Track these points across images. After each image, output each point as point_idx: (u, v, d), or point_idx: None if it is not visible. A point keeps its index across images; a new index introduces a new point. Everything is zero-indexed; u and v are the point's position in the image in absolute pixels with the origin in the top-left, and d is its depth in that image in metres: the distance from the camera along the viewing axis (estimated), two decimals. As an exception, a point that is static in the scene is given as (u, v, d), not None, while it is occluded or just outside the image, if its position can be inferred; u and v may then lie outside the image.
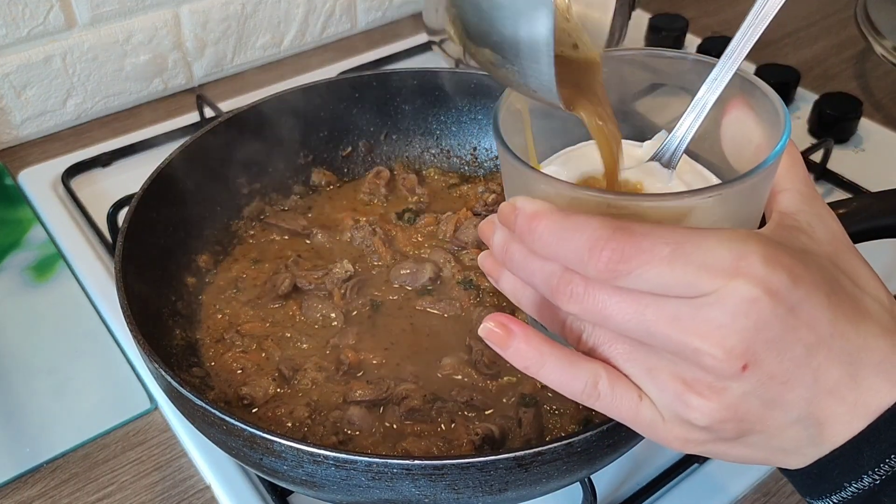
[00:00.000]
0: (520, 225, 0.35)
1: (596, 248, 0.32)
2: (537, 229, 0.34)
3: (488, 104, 0.78)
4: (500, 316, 0.38)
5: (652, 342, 0.34)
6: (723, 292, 0.32)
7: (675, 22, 1.10)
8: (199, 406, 0.46)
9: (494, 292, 0.67)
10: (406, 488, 0.45)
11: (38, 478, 0.61)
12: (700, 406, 0.34)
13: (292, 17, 1.09)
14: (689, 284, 0.32)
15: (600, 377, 0.36)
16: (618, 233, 0.32)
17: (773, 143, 0.37)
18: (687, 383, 0.34)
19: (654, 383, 0.35)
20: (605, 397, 0.36)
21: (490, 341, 0.38)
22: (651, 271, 0.32)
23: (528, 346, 0.37)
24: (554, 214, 0.34)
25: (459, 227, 0.72)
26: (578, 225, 0.33)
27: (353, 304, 0.66)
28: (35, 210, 0.85)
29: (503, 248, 0.37)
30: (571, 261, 0.34)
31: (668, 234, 0.32)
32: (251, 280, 0.68)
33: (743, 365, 0.33)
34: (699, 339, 0.32)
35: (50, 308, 0.74)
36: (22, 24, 0.89)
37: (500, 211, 0.37)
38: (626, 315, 0.34)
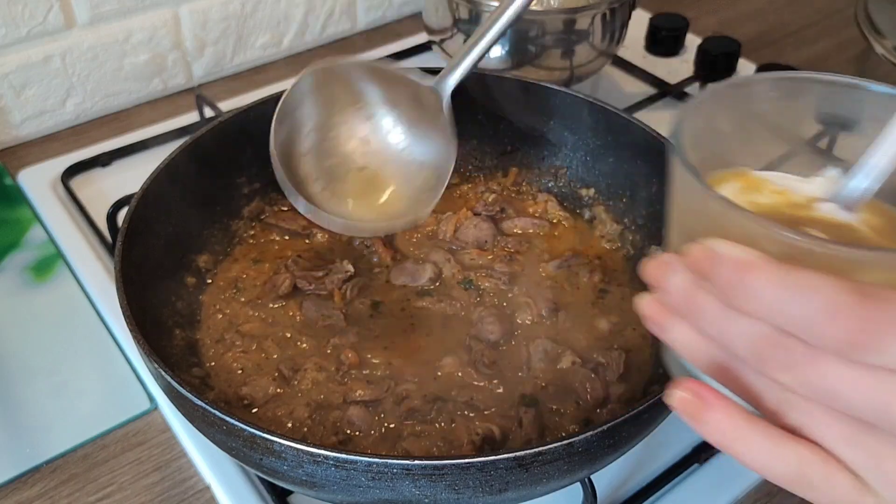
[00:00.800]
0: (724, 276, 0.30)
1: (837, 314, 0.28)
2: (753, 284, 0.29)
3: (488, 104, 0.78)
4: (692, 383, 0.33)
5: (885, 426, 0.29)
6: None
7: (675, 22, 1.10)
8: (199, 406, 0.46)
9: (494, 293, 0.67)
10: (406, 488, 0.45)
11: (38, 478, 0.61)
12: None
13: (292, 16, 1.08)
14: None
15: (813, 463, 0.31)
16: (865, 299, 0.28)
17: None
18: None
19: (879, 471, 0.31)
20: (819, 486, 0.32)
21: (680, 411, 0.33)
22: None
23: (728, 420, 0.32)
24: (775, 268, 0.29)
25: (459, 228, 0.72)
26: (811, 284, 0.28)
27: (353, 304, 0.66)
28: (35, 210, 0.85)
29: (688, 297, 0.33)
30: (797, 326, 0.29)
31: None
32: (251, 280, 0.68)
33: None
34: None
35: (50, 308, 0.74)
36: (21, 24, 0.89)
37: (690, 254, 0.31)
38: (861, 394, 0.29)
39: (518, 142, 0.79)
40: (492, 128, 0.79)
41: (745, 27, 1.19)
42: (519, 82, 0.75)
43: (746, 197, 0.38)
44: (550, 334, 0.63)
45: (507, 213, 0.75)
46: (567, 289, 0.68)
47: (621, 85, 1.05)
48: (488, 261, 0.69)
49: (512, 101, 0.77)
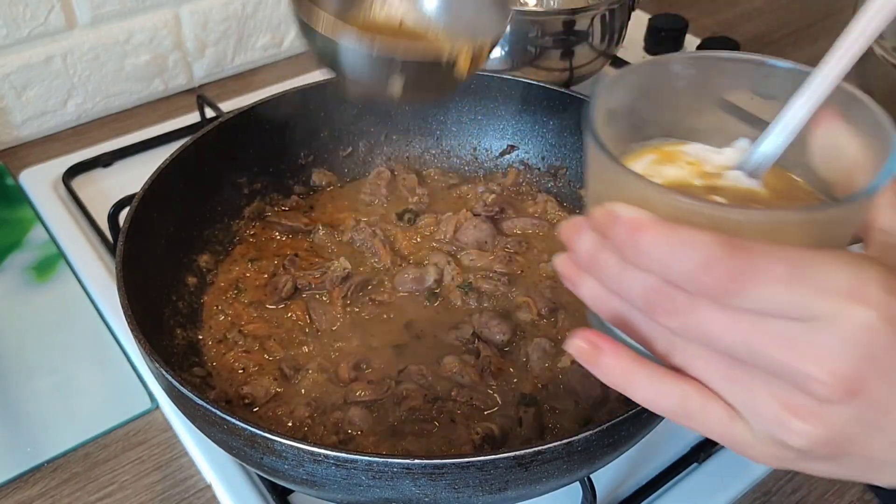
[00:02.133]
0: (620, 234, 0.33)
1: (710, 265, 0.31)
2: (641, 241, 0.33)
3: (488, 104, 0.78)
4: (587, 333, 0.37)
5: (754, 363, 0.33)
6: (838, 317, 0.31)
7: (674, 22, 1.11)
8: (200, 405, 0.47)
9: (493, 294, 0.67)
10: (406, 487, 0.45)
11: (39, 477, 0.61)
12: (800, 430, 0.33)
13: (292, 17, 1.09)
14: (804, 307, 0.31)
15: (690, 396, 0.35)
16: (734, 250, 0.31)
17: (878, 159, 0.36)
18: (788, 406, 0.33)
19: (751, 404, 0.34)
20: (695, 416, 0.35)
21: (578, 357, 0.37)
22: (766, 291, 0.31)
23: (617, 362, 0.36)
24: (661, 226, 0.33)
25: (459, 228, 0.72)
26: (690, 240, 0.32)
27: (352, 304, 0.66)
28: (36, 210, 0.85)
29: (592, 255, 0.36)
30: (678, 276, 0.32)
31: (785, 254, 0.31)
32: (252, 281, 0.68)
33: (851, 391, 0.32)
34: (809, 363, 0.31)
35: (51, 308, 0.74)
36: (23, 25, 0.89)
37: (594, 216, 0.35)
38: (732, 334, 0.32)
39: (518, 142, 0.79)
40: (492, 128, 0.79)
41: (743, 27, 1.19)
42: (519, 82, 0.75)
43: (660, 168, 0.41)
44: (550, 334, 0.64)
45: (506, 213, 0.75)
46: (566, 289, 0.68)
47: (621, 85, 1.05)
48: (488, 261, 0.70)
49: (512, 101, 0.77)
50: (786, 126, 0.38)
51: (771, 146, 0.38)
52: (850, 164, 0.38)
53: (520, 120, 0.78)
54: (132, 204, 0.61)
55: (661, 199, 0.34)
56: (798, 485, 0.61)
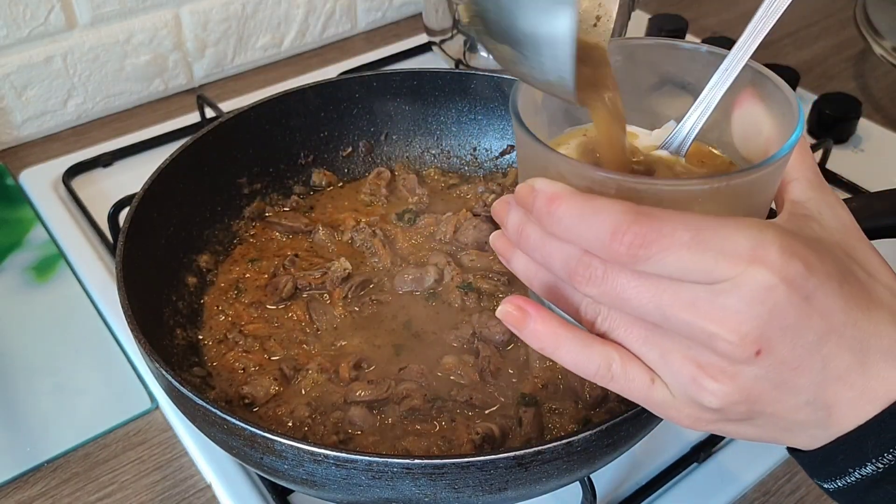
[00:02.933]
0: (538, 207, 0.35)
1: (618, 232, 0.33)
2: (557, 212, 0.34)
3: (488, 104, 0.78)
4: (516, 298, 0.39)
5: (667, 326, 0.35)
6: (740, 279, 0.32)
7: (674, 22, 1.11)
8: (200, 405, 0.47)
9: (493, 294, 0.67)
10: (406, 487, 0.45)
11: (39, 477, 0.61)
12: (713, 389, 0.35)
13: (292, 17, 1.09)
14: (707, 271, 0.33)
15: (613, 359, 0.37)
16: (640, 217, 0.33)
17: (786, 134, 0.38)
18: (700, 366, 0.35)
19: (667, 366, 0.36)
20: (618, 379, 0.37)
21: (507, 322, 0.39)
22: (671, 256, 0.33)
23: (543, 327, 0.38)
24: (574, 197, 0.34)
25: (459, 228, 0.72)
26: (600, 208, 0.33)
27: (352, 304, 0.66)
28: (36, 210, 0.85)
29: (518, 229, 0.38)
30: (591, 244, 0.34)
31: (689, 221, 0.33)
32: (252, 281, 0.68)
33: (757, 350, 0.33)
34: (715, 324, 0.33)
35: (51, 308, 0.74)
36: (23, 25, 0.89)
37: (517, 192, 0.37)
38: (644, 299, 0.34)
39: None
40: (492, 128, 0.79)
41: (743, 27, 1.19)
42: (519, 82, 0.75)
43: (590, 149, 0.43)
44: (550, 334, 0.63)
45: (506, 213, 0.75)
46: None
47: (621, 85, 1.05)
48: (488, 261, 0.70)
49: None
50: (701, 105, 0.40)
51: (689, 125, 0.41)
52: (765, 140, 0.41)
53: (520, 120, 0.78)
54: (132, 204, 0.61)
55: (576, 172, 0.36)
56: (797, 485, 0.62)
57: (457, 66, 0.97)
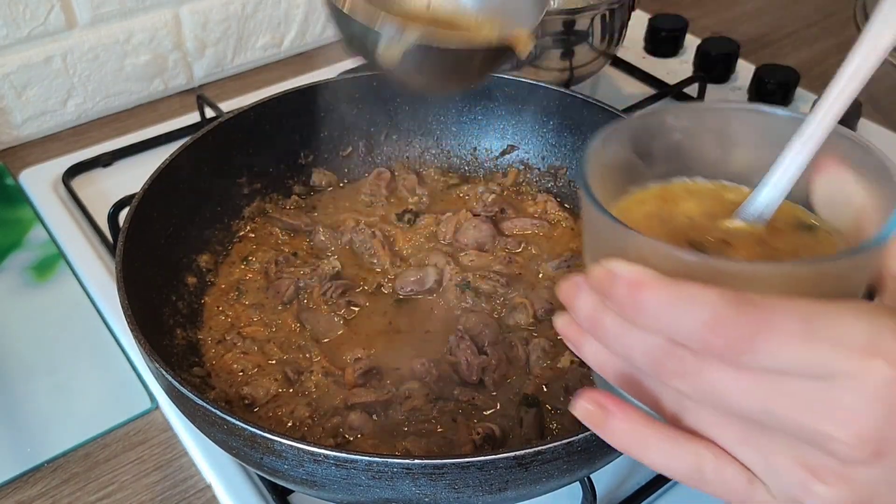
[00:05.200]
0: (620, 294, 0.32)
1: (718, 323, 0.30)
2: (643, 301, 0.31)
3: (488, 104, 0.78)
4: (595, 393, 0.35)
5: (771, 425, 0.31)
6: (858, 374, 0.29)
7: (674, 22, 1.11)
8: (200, 405, 0.47)
9: (492, 295, 0.67)
10: (406, 487, 0.45)
11: (39, 477, 0.61)
12: (824, 494, 0.32)
13: (292, 17, 1.09)
14: (821, 364, 0.29)
15: (707, 460, 0.34)
16: (743, 306, 0.30)
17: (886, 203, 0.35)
18: (810, 469, 0.32)
19: (770, 468, 0.33)
20: (713, 481, 0.34)
21: (586, 421, 0.36)
22: (779, 349, 0.29)
23: (627, 425, 0.35)
24: (663, 284, 0.31)
25: (459, 229, 0.72)
26: (694, 296, 0.30)
27: (332, 304, 0.66)
28: (36, 210, 0.85)
29: (593, 316, 0.34)
30: (685, 336, 0.31)
31: (798, 309, 0.30)
32: (253, 283, 0.68)
33: (875, 451, 0.30)
34: (830, 424, 0.30)
35: (50, 308, 0.74)
36: (23, 25, 0.89)
37: (592, 276, 0.33)
38: (747, 396, 0.31)
39: (518, 142, 0.79)
40: (492, 128, 0.79)
41: (743, 28, 1.19)
42: (519, 82, 0.75)
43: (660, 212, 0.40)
44: (549, 334, 0.64)
45: (506, 213, 0.75)
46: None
47: (621, 85, 1.05)
48: (488, 262, 0.70)
49: (512, 101, 0.77)
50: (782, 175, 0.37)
51: (768, 197, 0.37)
52: (857, 211, 0.37)
53: (520, 120, 0.78)
54: (132, 204, 0.61)
55: (660, 254, 0.33)
56: (798, 485, 0.61)
57: (457, 66, 0.97)
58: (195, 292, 0.67)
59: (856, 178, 0.37)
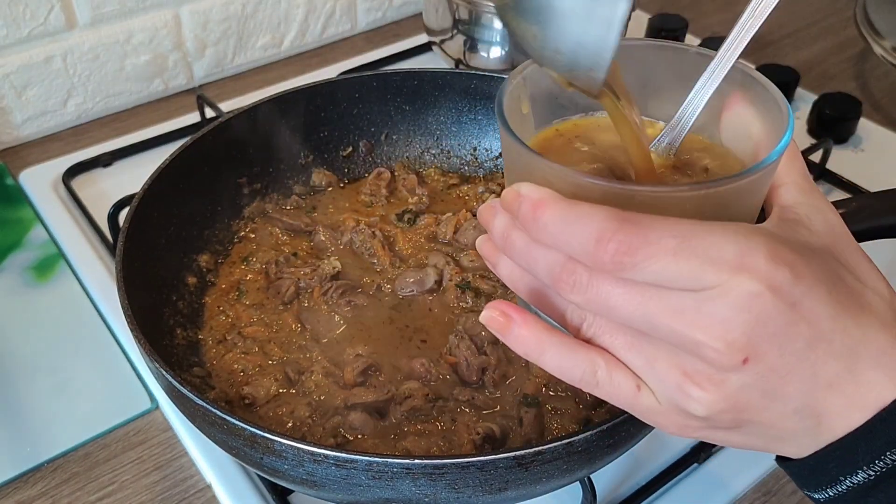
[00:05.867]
0: (523, 212, 0.35)
1: (603, 239, 0.32)
2: (542, 218, 0.34)
3: (488, 104, 0.78)
4: (500, 303, 0.38)
5: (653, 333, 0.34)
6: (726, 286, 0.32)
7: (674, 22, 1.11)
8: (200, 405, 0.47)
9: (492, 295, 0.67)
10: (406, 487, 0.45)
11: (39, 477, 0.61)
12: (699, 397, 0.35)
13: (292, 17, 1.09)
14: (694, 278, 0.32)
15: (599, 365, 0.37)
16: (625, 224, 0.32)
17: (775, 138, 0.38)
18: (687, 374, 0.35)
19: (653, 373, 0.36)
20: (604, 385, 0.37)
21: (490, 327, 0.39)
22: (657, 264, 0.32)
23: (528, 332, 0.38)
24: (559, 203, 0.34)
25: (459, 229, 0.72)
26: (585, 215, 0.33)
27: (332, 303, 0.66)
28: (36, 210, 0.85)
29: (504, 234, 0.37)
30: (576, 251, 0.34)
31: (675, 227, 0.33)
32: (253, 283, 0.68)
33: (744, 358, 0.33)
34: (701, 332, 0.33)
35: (50, 308, 0.74)
36: (23, 25, 0.89)
37: (503, 197, 0.36)
38: (630, 306, 0.34)
39: (518, 142, 0.79)
40: (492, 128, 0.79)
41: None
42: (519, 83, 0.75)
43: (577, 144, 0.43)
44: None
45: (506, 213, 0.75)
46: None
47: (621, 85, 1.05)
48: (488, 261, 0.70)
49: (512, 102, 0.77)
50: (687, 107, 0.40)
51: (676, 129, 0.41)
52: (755, 144, 0.40)
53: (520, 120, 0.78)
54: (132, 204, 0.61)
55: (562, 177, 0.35)
56: (798, 485, 0.62)
57: (457, 66, 0.97)
58: (195, 292, 0.67)
59: (755, 113, 0.41)
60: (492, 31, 0.89)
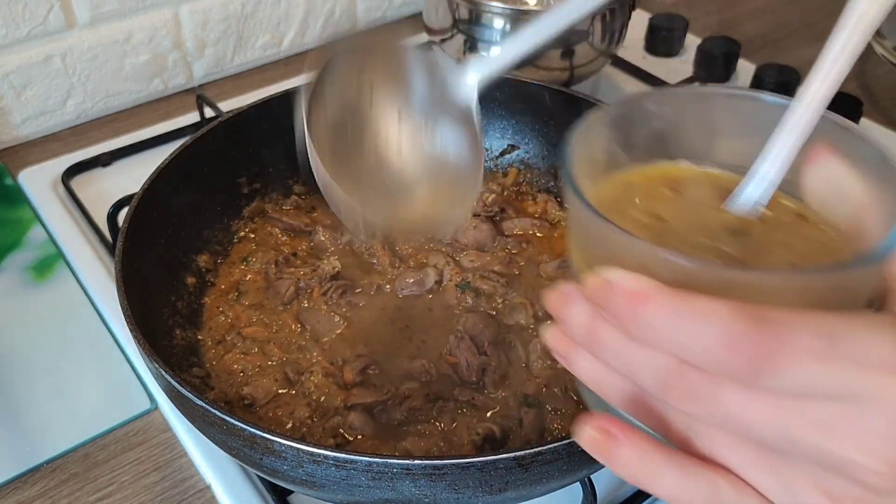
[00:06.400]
0: (618, 306, 0.29)
1: (733, 343, 0.27)
2: (646, 314, 0.28)
3: (488, 104, 0.78)
4: (601, 419, 0.32)
5: (791, 450, 0.29)
6: (884, 394, 0.27)
7: (674, 22, 1.11)
8: (200, 406, 0.46)
9: (492, 295, 0.67)
10: (406, 488, 0.45)
11: (38, 477, 0.61)
12: None
13: (292, 17, 1.09)
14: (844, 385, 0.27)
15: (721, 489, 0.31)
16: (759, 324, 0.27)
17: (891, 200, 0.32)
18: (833, 498, 0.29)
19: (789, 496, 0.30)
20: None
21: (590, 450, 0.33)
22: (800, 370, 0.27)
23: (635, 453, 0.31)
24: (668, 297, 0.28)
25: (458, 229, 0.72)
26: (705, 312, 0.27)
27: (333, 303, 0.66)
28: (35, 210, 0.85)
29: (588, 329, 0.31)
30: (695, 355, 0.28)
31: (817, 325, 0.27)
32: (252, 283, 0.68)
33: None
34: (855, 449, 0.27)
35: (50, 308, 0.74)
36: (22, 24, 0.89)
37: (587, 285, 0.30)
38: (764, 420, 0.28)
39: (518, 142, 0.79)
40: (492, 128, 0.79)
41: (744, 27, 1.19)
42: (519, 82, 0.75)
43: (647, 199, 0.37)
44: (549, 334, 0.63)
45: (506, 213, 0.75)
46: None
47: (621, 85, 1.05)
48: (487, 262, 0.70)
49: (512, 101, 0.77)
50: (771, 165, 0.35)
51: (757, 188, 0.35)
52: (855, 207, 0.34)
53: (520, 120, 0.78)
54: (131, 204, 0.61)
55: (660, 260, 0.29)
56: (799, 485, 0.61)
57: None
58: (195, 293, 0.66)
59: (851, 169, 0.35)
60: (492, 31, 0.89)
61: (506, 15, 0.87)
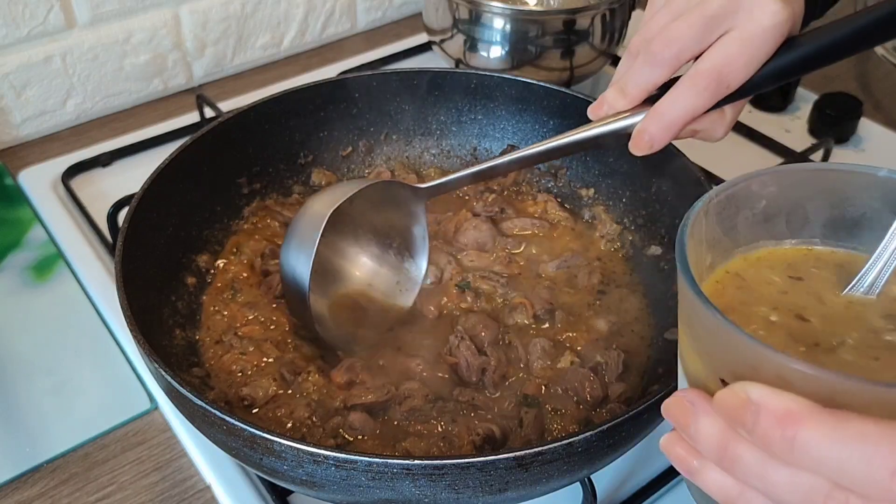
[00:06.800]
0: (765, 428, 0.28)
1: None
2: (798, 439, 0.27)
3: (488, 104, 0.78)
4: None
5: None
6: None
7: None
8: (200, 406, 0.46)
9: (492, 294, 0.67)
10: (406, 488, 0.45)
11: (38, 478, 0.61)
12: None
13: (292, 17, 1.09)
14: None
15: None
16: None
17: None
18: None
19: None
20: None
21: None
22: None
23: None
24: (822, 420, 0.27)
25: (459, 229, 0.72)
26: (863, 437, 0.26)
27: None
28: (35, 210, 0.85)
29: (721, 445, 0.30)
30: (855, 482, 0.27)
31: None
32: (246, 281, 0.68)
33: None
34: None
35: (50, 308, 0.74)
36: (22, 24, 0.89)
37: (719, 399, 0.29)
38: None
39: (518, 142, 0.79)
40: (492, 128, 0.79)
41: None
42: (519, 82, 0.75)
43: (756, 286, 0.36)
44: (549, 334, 0.63)
45: (506, 213, 0.75)
46: (566, 289, 0.68)
47: (621, 85, 1.04)
48: (488, 262, 0.70)
49: (512, 101, 0.77)
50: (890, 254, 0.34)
51: (874, 274, 0.34)
52: None
53: (520, 120, 0.78)
54: (131, 204, 0.60)
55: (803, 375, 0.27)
56: (799, 485, 0.61)
57: (457, 66, 0.97)
58: (194, 292, 0.66)
59: None
60: (492, 30, 0.89)
61: (506, 15, 0.87)
